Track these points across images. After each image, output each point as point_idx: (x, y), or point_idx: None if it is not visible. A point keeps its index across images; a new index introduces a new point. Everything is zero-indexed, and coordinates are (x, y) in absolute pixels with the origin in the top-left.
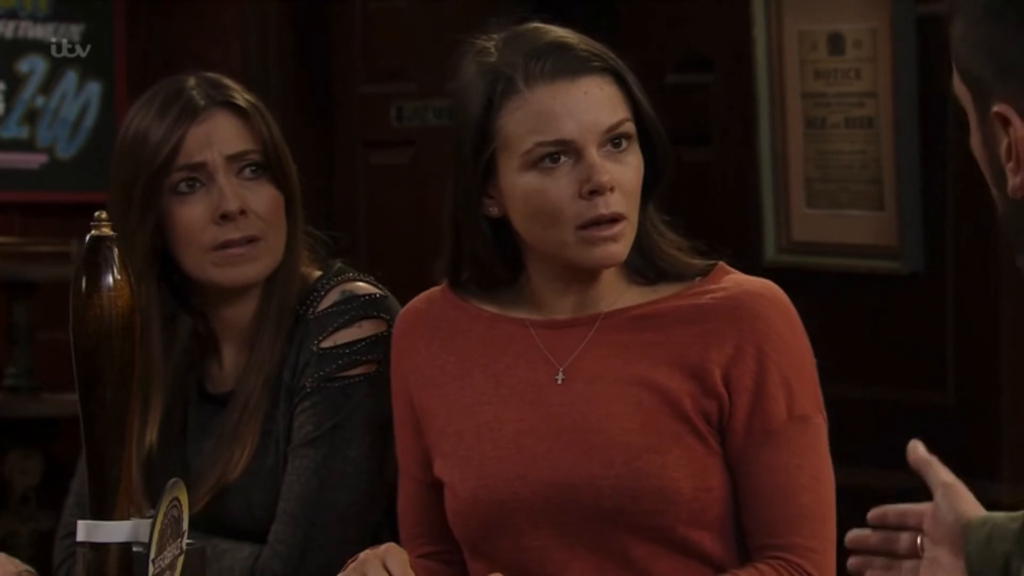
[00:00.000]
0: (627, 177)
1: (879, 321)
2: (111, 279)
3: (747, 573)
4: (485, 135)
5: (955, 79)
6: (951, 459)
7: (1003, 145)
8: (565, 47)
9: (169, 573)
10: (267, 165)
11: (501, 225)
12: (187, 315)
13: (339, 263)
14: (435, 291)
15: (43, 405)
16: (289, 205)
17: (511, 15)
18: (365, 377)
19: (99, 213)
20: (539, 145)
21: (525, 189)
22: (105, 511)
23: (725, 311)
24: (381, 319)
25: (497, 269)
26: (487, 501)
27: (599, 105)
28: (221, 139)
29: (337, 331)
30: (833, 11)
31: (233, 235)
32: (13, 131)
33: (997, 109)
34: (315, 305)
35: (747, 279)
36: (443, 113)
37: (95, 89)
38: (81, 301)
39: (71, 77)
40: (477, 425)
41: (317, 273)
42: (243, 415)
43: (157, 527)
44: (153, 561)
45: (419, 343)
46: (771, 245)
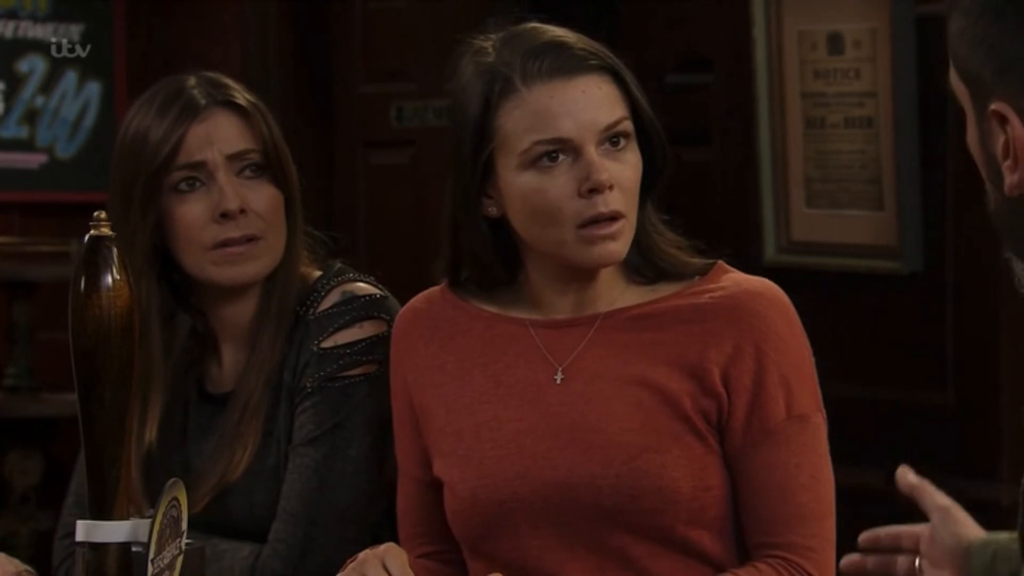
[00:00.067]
0: (625, 175)
1: (879, 321)
2: (110, 279)
3: (746, 572)
4: (483, 135)
5: (952, 75)
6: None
7: (1000, 143)
8: (563, 46)
9: (168, 573)
10: (267, 164)
11: (500, 225)
12: (186, 314)
13: (339, 263)
14: (434, 291)
15: (43, 405)
16: (289, 205)
17: (510, 15)
18: (366, 377)
19: (98, 213)
20: (537, 144)
21: (524, 188)
22: (104, 511)
23: (724, 310)
24: (382, 319)
25: (496, 269)
26: (486, 500)
27: (597, 104)
28: (222, 138)
29: (338, 331)
30: (833, 11)
31: (233, 234)
32: (13, 131)
33: (995, 107)
34: (316, 305)
35: (746, 278)
36: (443, 113)
37: (95, 89)
38: (80, 301)
39: (71, 77)
40: (476, 424)
41: (317, 273)
42: (244, 415)
43: (156, 527)
44: (152, 561)
45: (418, 343)
46: (771, 245)
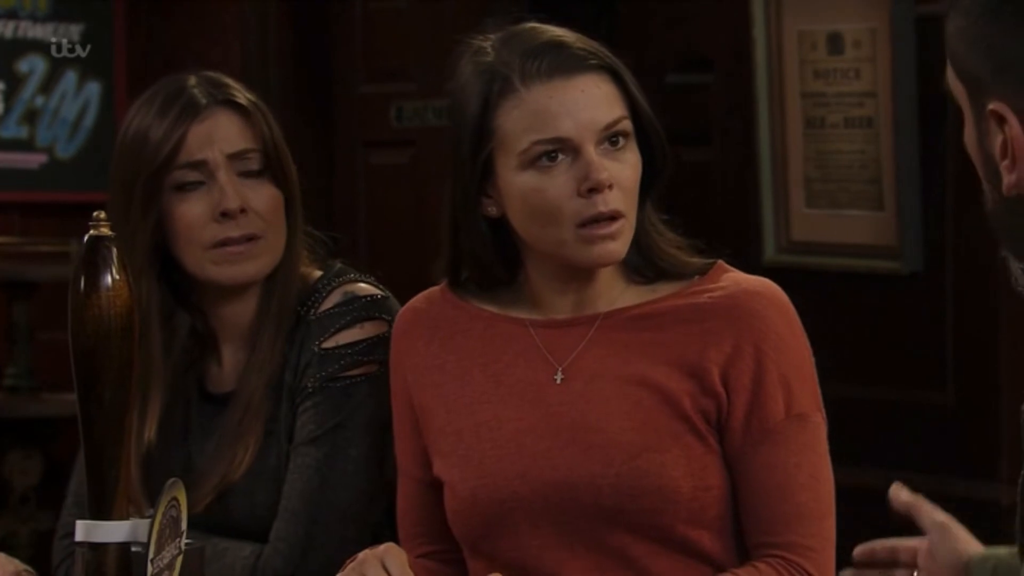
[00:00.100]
0: (625, 175)
1: (879, 321)
2: (110, 279)
3: (746, 572)
4: (482, 135)
5: (949, 74)
6: (951, 459)
7: (998, 142)
8: (561, 46)
9: (167, 573)
10: (268, 164)
11: (500, 225)
12: (186, 314)
13: (339, 263)
14: (434, 291)
15: (43, 405)
16: (289, 204)
17: (509, 15)
18: (367, 377)
19: (98, 213)
20: (536, 144)
21: (523, 188)
22: (104, 511)
23: (724, 310)
24: (383, 320)
25: (496, 269)
26: (486, 500)
27: (596, 103)
28: (222, 137)
29: (339, 332)
30: (833, 11)
31: (233, 233)
32: (13, 131)
33: (993, 107)
34: (317, 306)
35: (746, 278)
36: (443, 113)
37: (95, 89)
38: (80, 301)
39: (71, 77)
40: (476, 424)
41: (317, 273)
42: (245, 415)
43: (156, 527)
44: (152, 561)
45: (418, 343)
46: (771, 245)
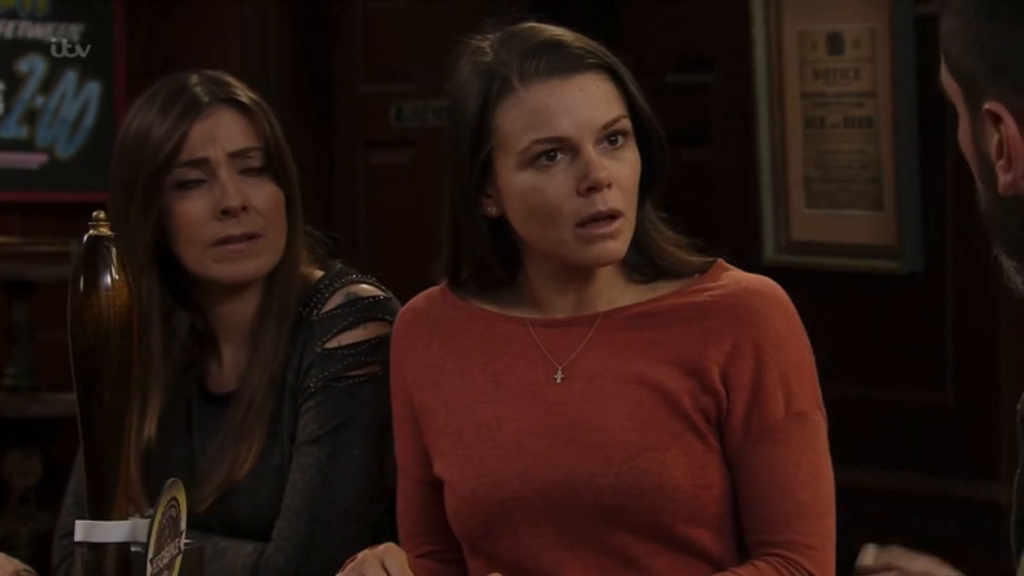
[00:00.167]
0: (624, 174)
1: (879, 321)
2: (109, 279)
3: (746, 571)
4: (482, 134)
5: (943, 74)
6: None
7: (993, 142)
8: (560, 45)
9: (167, 573)
10: (269, 162)
11: (499, 224)
12: (186, 313)
13: (339, 264)
14: (434, 290)
15: (43, 405)
16: (289, 203)
17: (508, 15)
18: (369, 378)
19: (97, 213)
20: (535, 143)
21: (522, 187)
22: (103, 511)
23: (723, 309)
24: (385, 321)
25: (496, 268)
26: (487, 500)
27: (595, 102)
28: (224, 136)
29: (341, 333)
30: (832, 11)
31: (234, 231)
32: (13, 131)
33: (989, 106)
34: (319, 307)
35: (746, 276)
36: (443, 113)
37: (95, 89)
38: (79, 301)
39: (71, 77)
40: (476, 424)
41: (318, 273)
42: (248, 415)
43: (155, 527)
44: (151, 561)
45: (418, 342)
46: (770, 245)
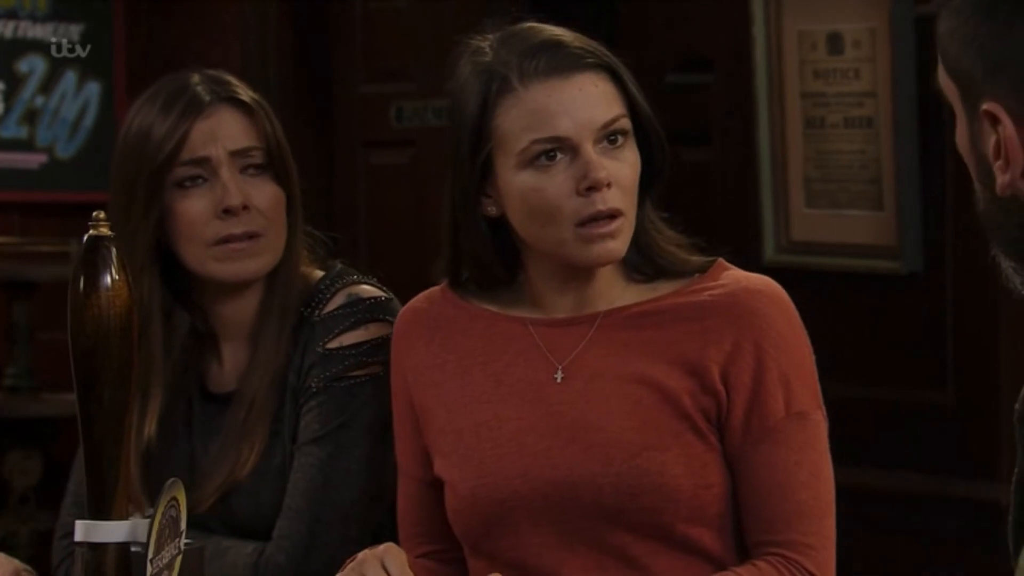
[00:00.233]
0: (624, 173)
1: (879, 321)
2: (109, 279)
3: (746, 570)
4: (481, 134)
5: (940, 74)
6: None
7: (991, 142)
8: (559, 45)
9: (167, 573)
10: (270, 162)
11: (500, 224)
12: (186, 312)
13: (339, 264)
14: (435, 290)
15: (43, 405)
16: (290, 202)
17: (508, 15)
18: (371, 378)
19: (97, 213)
20: (535, 143)
21: (522, 187)
22: (103, 511)
23: (724, 308)
24: (386, 322)
25: (496, 268)
26: (487, 499)
27: (594, 102)
28: (226, 135)
29: (343, 333)
30: (832, 11)
31: (235, 230)
32: (13, 131)
33: (986, 107)
34: (320, 307)
35: (746, 276)
36: (443, 113)
37: (95, 89)
38: (79, 301)
39: (71, 77)
40: (477, 423)
41: (319, 273)
42: (249, 415)
43: (155, 527)
44: (151, 561)
45: (419, 342)
46: (770, 245)
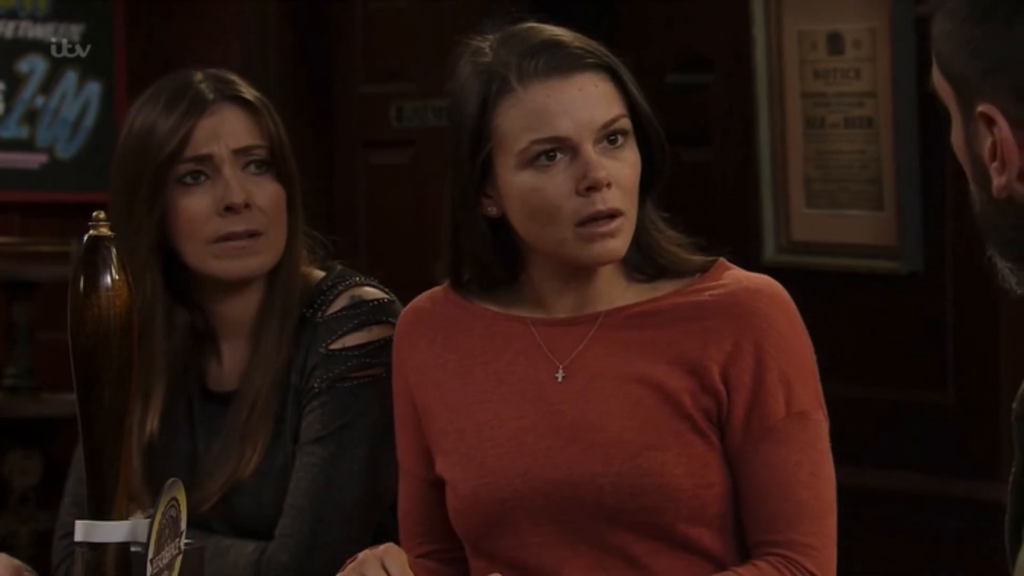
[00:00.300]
0: (624, 173)
1: (879, 321)
2: (109, 279)
3: (746, 570)
4: (481, 135)
5: (935, 75)
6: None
7: (987, 144)
8: (559, 45)
9: (167, 573)
10: (272, 160)
11: (500, 224)
12: (185, 310)
13: (339, 265)
14: (437, 290)
15: (43, 405)
16: (291, 202)
17: (508, 15)
18: (373, 379)
19: (97, 213)
20: (535, 143)
21: (522, 187)
22: (103, 511)
23: (724, 308)
24: (389, 324)
25: (496, 268)
26: (488, 499)
27: (594, 102)
28: (229, 133)
29: (347, 335)
30: (833, 11)
31: (236, 228)
32: (13, 131)
33: (982, 109)
34: (324, 309)
35: (747, 275)
36: (443, 113)
37: (95, 89)
38: (79, 301)
39: (71, 77)
40: (478, 423)
41: (319, 274)
42: (251, 414)
43: (155, 527)
44: (151, 561)
45: (420, 342)
46: (771, 245)
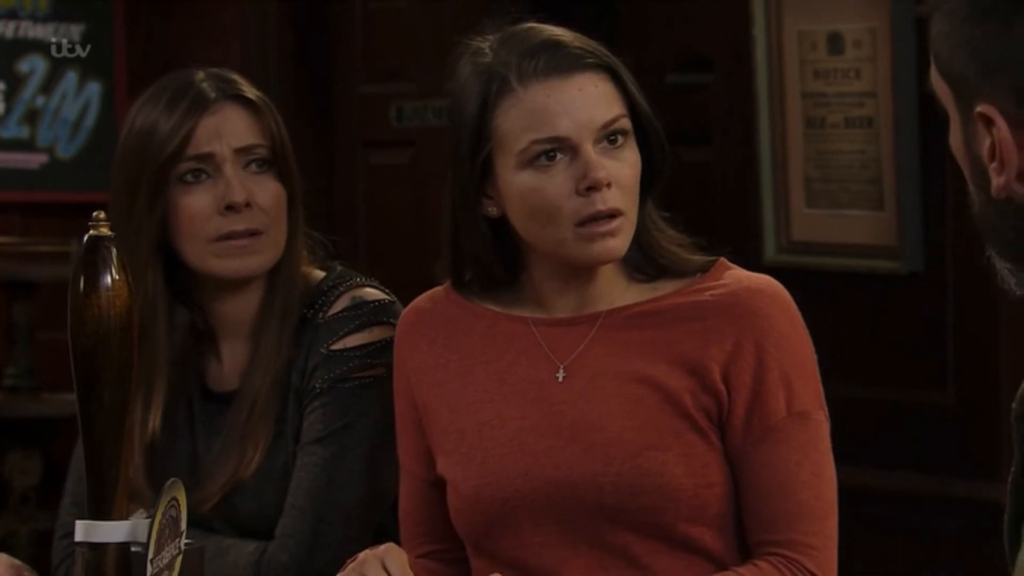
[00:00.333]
0: (624, 173)
1: (879, 321)
2: (109, 279)
3: (747, 570)
4: (481, 135)
5: (933, 76)
6: (951, 459)
7: (986, 145)
8: (559, 45)
9: (167, 573)
10: (273, 159)
11: (500, 224)
12: (186, 310)
13: (340, 266)
14: (438, 290)
15: (43, 405)
16: (291, 201)
17: (508, 15)
18: (375, 380)
19: (98, 213)
20: (535, 143)
21: (522, 187)
22: (103, 511)
23: (725, 308)
24: (390, 325)
25: (497, 268)
26: (489, 498)
27: (594, 102)
28: (230, 131)
29: (348, 335)
30: (833, 11)
31: (237, 227)
32: (13, 131)
33: (980, 109)
34: (324, 310)
35: (748, 275)
36: (443, 113)
37: (95, 89)
38: (79, 301)
39: (71, 77)
40: (479, 423)
41: (320, 274)
42: (252, 414)
43: (155, 527)
44: (151, 561)
45: (421, 342)
46: (771, 245)
